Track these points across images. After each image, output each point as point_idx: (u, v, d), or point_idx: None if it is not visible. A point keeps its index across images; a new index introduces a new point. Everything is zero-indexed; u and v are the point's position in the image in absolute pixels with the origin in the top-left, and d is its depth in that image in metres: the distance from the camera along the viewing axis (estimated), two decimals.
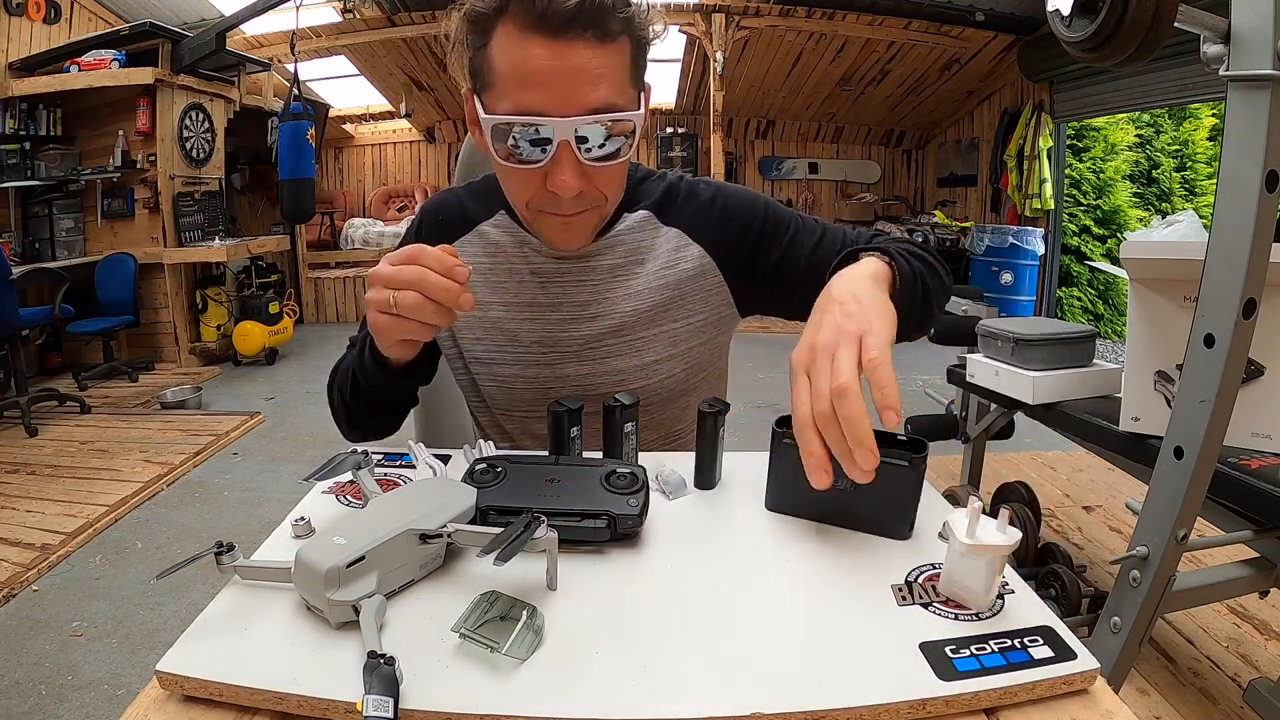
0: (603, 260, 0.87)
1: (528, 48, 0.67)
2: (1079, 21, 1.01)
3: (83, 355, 4.80)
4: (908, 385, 4.12)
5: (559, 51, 0.67)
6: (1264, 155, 0.98)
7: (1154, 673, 1.71)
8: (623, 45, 0.71)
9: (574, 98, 0.69)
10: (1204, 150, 6.42)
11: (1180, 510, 1.13)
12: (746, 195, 0.91)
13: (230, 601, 0.52)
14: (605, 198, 0.79)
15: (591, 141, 0.71)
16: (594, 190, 0.77)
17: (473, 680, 0.44)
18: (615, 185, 0.80)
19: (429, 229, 0.92)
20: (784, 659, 0.47)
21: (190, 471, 3.13)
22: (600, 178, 0.76)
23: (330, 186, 7.62)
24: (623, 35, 0.71)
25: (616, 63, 0.71)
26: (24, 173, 4.65)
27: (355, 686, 0.43)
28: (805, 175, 7.54)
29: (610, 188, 0.79)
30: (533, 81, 0.68)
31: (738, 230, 0.88)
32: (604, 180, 0.77)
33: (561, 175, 0.72)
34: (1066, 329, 1.77)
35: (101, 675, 1.81)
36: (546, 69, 0.68)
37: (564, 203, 0.75)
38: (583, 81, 0.69)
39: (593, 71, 0.69)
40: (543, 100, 0.69)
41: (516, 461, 0.65)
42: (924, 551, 0.59)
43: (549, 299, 0.88)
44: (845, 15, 5.62)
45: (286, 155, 4.69)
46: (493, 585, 0.53)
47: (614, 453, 0.71)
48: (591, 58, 0.68)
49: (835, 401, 0.52)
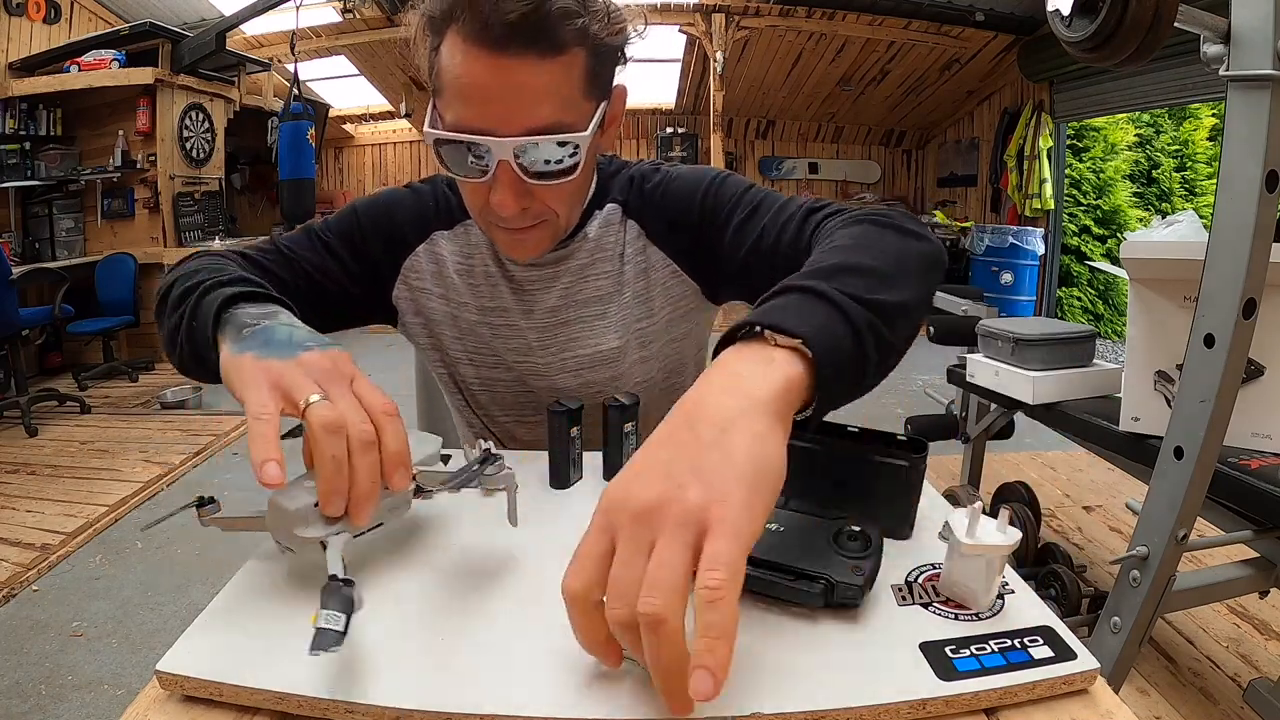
0: (572, 262, 0.84)
1: (469, 61, 0.64)
2: (1079, 21, 1.01)
3: (83, 355, 4.80)
4: (908, 385, 4.12)
5: (500, 67, 0.64)
6: (1264, 155, 0.98)
7: (1154, 673, 1.71)
8: (574, 58, 0.67)
9: (514, 116, 0.65)
10: (1204, 150, 6.42)
11: (1180, 510, 1.13)
12: (692, 177, 0.83)
13: (230, 601, 0.52)
14: (556, 214, 0.75)
15: (536, 159, 0.67)
16: (541, 207, 0.73)
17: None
18: (567, 201, 0.75)
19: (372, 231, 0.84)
20: (784, 659, 0.47)
21: (190, 471, 3.13)
22: (549, 195, 0.72)
23: (330, 186, 7.62)
24: (575, 47, 0.66)
25: (564, 78, 0.66)
26: (24, 173, 4.65)
27: (356, 687, 0.43)
28: (805, 175, 7.54)
29: (562, 204, 0.74)
30: (473, 97, 0.65)
31: (679, 216, 0.82)
32: (553, 197, 0.72)
33: (499, 195, 0.68)
34: (1066, 329, 1.78)
35: (101, 675, 1.81)
36: (486, 85, 0.64)
37: (507, 220, 0.72)
38: (524, 100, 0.65)
39: (536, 89, 0.65)
40: (482, 117, 0.65)
41: None
42: (924, 551, 0.59)
43: (521, 305, 0.85)
44: (845, 15, 5.61)
45: (286, 155, 4.70)
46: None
47: (614, 454, 0.71)
48: (534, 75, 0.64)
49: (642, 628, 0.36)
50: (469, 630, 0.49)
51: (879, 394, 1.61)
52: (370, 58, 6.32)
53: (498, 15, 0.61)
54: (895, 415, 3.72)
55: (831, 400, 0.48)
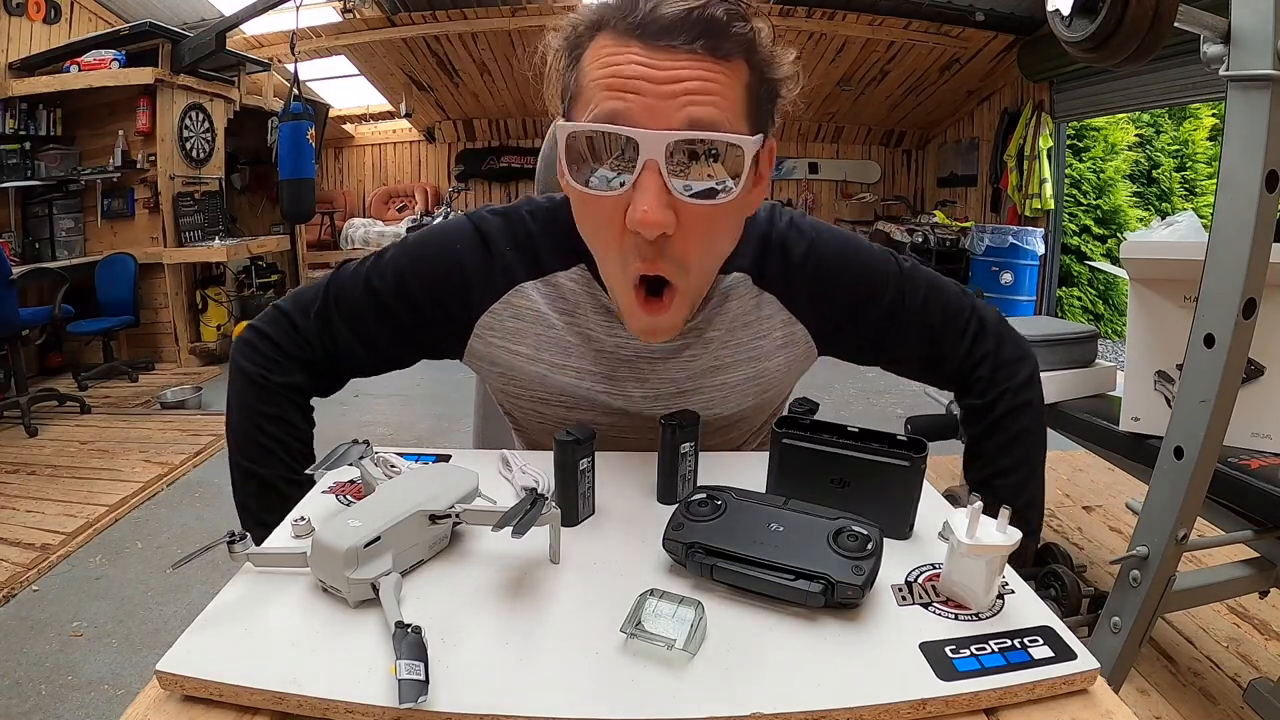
0: (700, 336, 0.75)
1: (622, 53, 0.57)
2: (1079, 21, 1.01)
3: (83, 355, 4.79)
4: (907, 386, 4.12)
5: (659, 56, 0.56)
6: (1264, 155, 0.98)
7: (1154, 673, 1.71)
8: (739, 69, 0.59)
9: (671, 108, 0.56)
10: (1204, 150, 6.41)
11: (1180, 510, 1.13)
12: (840, 251, 0.77)
13: (230, 602, 0.52)
14: (689, 263, 0.63)
15: (687, 168, 0.58)
16: (679, 245, 0.61)
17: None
18: (705, 243, 0.63)
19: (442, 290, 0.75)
20: (784, 659, 0.47)
21: (190, 471, 3.13)
22: (691, 221, 0.60)
23: (330, 186, 7.62)
24: (740, 59, 0.59)
25: (728, 84, 0.58)
26: (24, 173, 4.65)
27: (355, 687, 0.43)
28: (805, 175, 7.54)
29: (699, 244, 0.62)
30: (623, 87, 0.57)
31: (829, 298, 0.77)
32: (695, 228, 0.60)
33: (644, 204, 0.57)
34: (1067, 329, 1.78)
35: (101, 675, 1.81)
36: (641, 74, 0.56)
37: (644, 249, 0.61)
38: (683, 91, 0.56)
39: (699, 82, 0.57)
40: (632, 108, 0.57)
41: (741, 496, 0.59)
42: (924, 551, 0.59)
43: (635, 375, 0.76)
44: (845, 15, 5.61)
45: (286, 155, 4.69)
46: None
47: (669, 474, 0.67)
48: (697, 69, 0.57)
49: None
50: (469, 631, 0.49)
51: (879, 394, 1.63)
52: (370, 58, 6.32)
53: (655, 14, 0.56)
54: (895, 415, 3.73)
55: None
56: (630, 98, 0.57)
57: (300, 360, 0.77)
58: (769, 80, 0.63)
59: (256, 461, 0.75)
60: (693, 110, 0.57)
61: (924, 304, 0.78)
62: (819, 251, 0.76)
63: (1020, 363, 0.83)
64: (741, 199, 0.62)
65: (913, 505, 0.61)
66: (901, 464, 0.60)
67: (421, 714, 0.42)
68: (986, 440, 0.83)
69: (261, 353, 0.76)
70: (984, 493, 0.77)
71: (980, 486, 0.83)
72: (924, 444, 0.61)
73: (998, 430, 0.82)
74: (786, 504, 0.58)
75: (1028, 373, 0.83)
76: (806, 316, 0.77)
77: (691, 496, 0.59)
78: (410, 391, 4.04)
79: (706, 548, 0.53)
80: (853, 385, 4.13)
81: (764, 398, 0.82)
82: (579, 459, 0.62)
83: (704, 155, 0.58)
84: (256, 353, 0.76)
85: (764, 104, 0.63)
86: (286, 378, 0.76)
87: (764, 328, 0.77)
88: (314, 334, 0.77)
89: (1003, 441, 0.82)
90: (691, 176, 0.58)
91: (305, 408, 0.80)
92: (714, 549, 0.53)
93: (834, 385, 4.11)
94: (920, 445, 0.61)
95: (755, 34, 0.60)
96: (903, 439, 0.62)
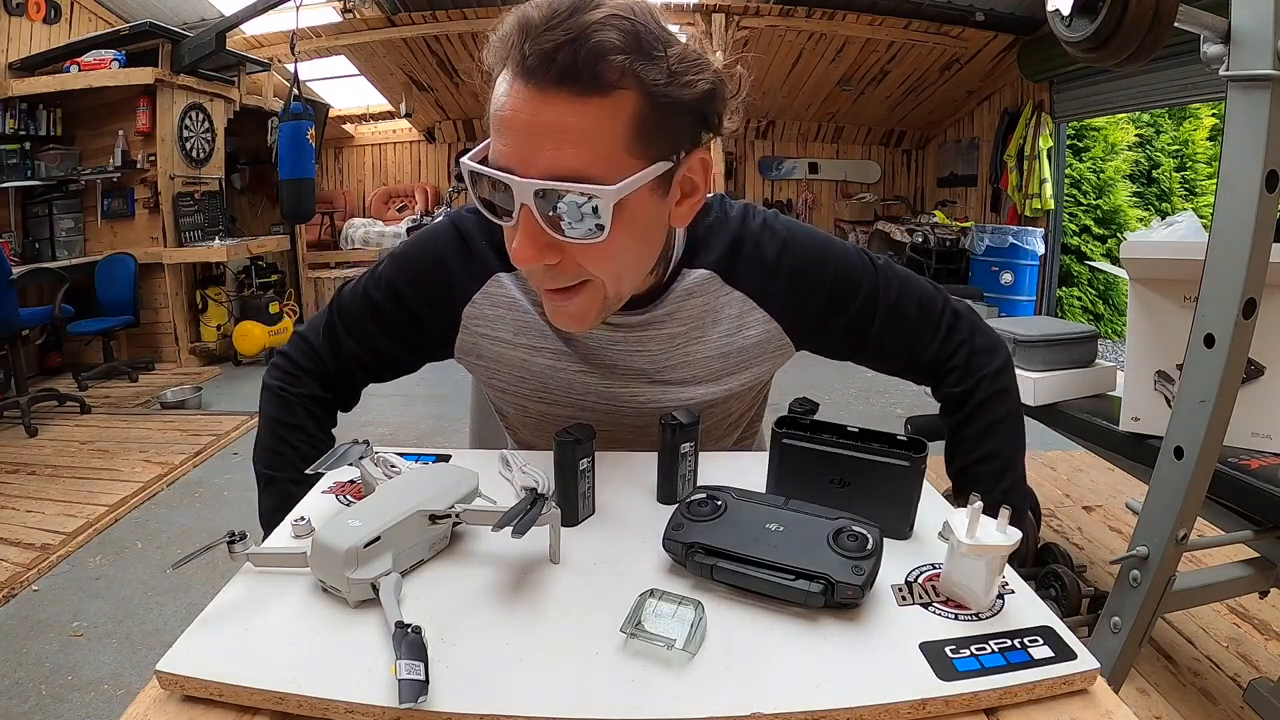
0: (662, 329, 0.78)
1: (509, 94, 0.59)
2: (1079, 21, 1.01)
3: (83, 355, 4.79)
4: (907, 386, 4.11)
5: (533, 101, 0.58)
6: (1264, 155, 0.98)
7: (1154, 673, 1.71)
8: (619, 102, 0.58)
9: (537, 156, 0.58)
10: (1204, 150, 6.41)
11: (1180, 510, 1.13)
12: (814, 251, 0.79)
13: (230, 602, 0.52)
14: (589, 274, 0.65)
15: (560, 211, 0.59)
16: (574, 267, 0.64)
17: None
18: (608, 267, 0.65)
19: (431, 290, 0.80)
20: (784, 659, 0.47)
21: (190, 471, 3.13)
22: (580, 255, 0.63)
23: (330, 186, 7.62)
24: (622, 90, 0.58)
25: (602, 123, 0.58)
26: (24, 173, 4.65)
27: (355, 687, 0.43)
28: (805, 175, 7.54)
29: (600, 268, 0.65)
30: (504, 131, 0.60)
31: (804, 296, 0.78)
32: (586, 258, 0.63)
33: (517, 243, 0.61)
34: (1067, 329, 1.78)
35: (101, 675, 1.81)
36: (516, 120, 0.58)
37: (535, 275, 0.65)
38: (548, 140, 0.58)
39: (565, 130, 0.58)
40: (509, 154, 0.60)
41: (742, 497, 0.59)
42: (924, 551, 0.59)
43: (604, 360, 0.79)
44: (845, 15, 5.61)
45: (286, 155, 4.70)
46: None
47: (668, 475, 0.67)
48: (567, 114, 0.57)
49: None
50: (468, 631, 0.49)
51: (879, 394, 1.63)
52: (370, 58, 6.33)
53: (537, 45, 0.56)
54: (895, 415, 3.73)
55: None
56: (508, 140, 0.60)
57: (315, 374, 0.85)
58: (676, 102, 0.60)
59: (273, 467, 0.82)
60: (552, 157, 0.58)
61: (898, 299, 0.80)
62: (793, 251, 0.78)
63: (994, 351, 0.84)
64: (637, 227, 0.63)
65: (913, 505, 0.61)
66: (901, 464, 0.60)
67: (421, 714, 0.42)
68: (967, 427, 0.84)
69: (282, 369, 0.86)
70: (967, 481, 0.82)
71: (963, 474, 0.85)
72: (924, 444, 0.61)
73: (977, 415, 0.83)
74: (786, 504, 0.58)
75: (1001, 361, 0.84)
76: (781, 314, 0.79)
77: (691, 496, 0.59)
78: (410, 391, 4.04)
79: (706, 548, 0.54)
80: (853, 385, 4.13)
81: (737, 383, 0.82)
82: (579, 459, 0.63)
83: (574, 200, 0.59)
84: (279, 370, 0.86)
85: (669, 128, 0.62)
86: (303, 389, 0.85)
87: (734, 325, 0.79)
88: (325, 349, 0.85)
89: (983, 427, 0.83)
90: (563, 217, 0.59)
91: (323, 420, 0.87)
92: (714, 549, 0.53)
93: (834, 385, 4.11)
94: (920, 445, 0.61)
95: (642, 63, 0.58)
96: (903, 439, 0.62)
